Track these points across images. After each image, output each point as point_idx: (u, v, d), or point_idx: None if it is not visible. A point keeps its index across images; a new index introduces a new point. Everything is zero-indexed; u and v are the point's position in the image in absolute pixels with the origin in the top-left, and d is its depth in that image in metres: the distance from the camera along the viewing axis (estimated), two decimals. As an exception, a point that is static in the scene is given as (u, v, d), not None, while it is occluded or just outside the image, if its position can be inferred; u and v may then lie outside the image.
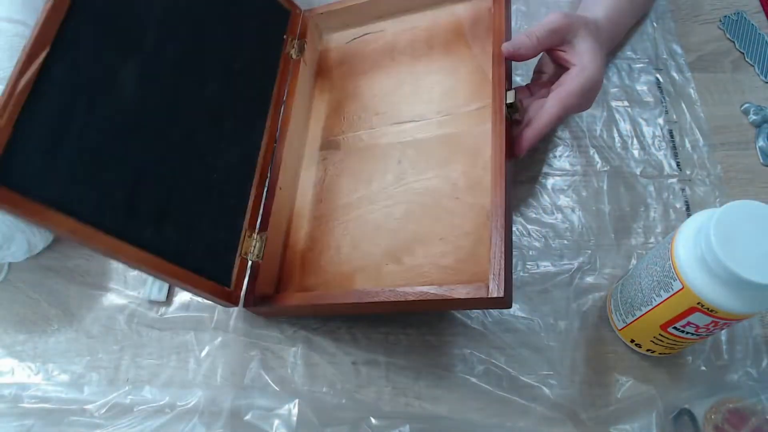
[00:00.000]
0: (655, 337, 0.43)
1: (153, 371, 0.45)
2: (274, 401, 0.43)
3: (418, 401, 0.45)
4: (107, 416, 0.43)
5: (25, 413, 0.43)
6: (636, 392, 0.45)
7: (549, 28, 0.46)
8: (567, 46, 0.48)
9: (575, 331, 0.48)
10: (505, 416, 0.44)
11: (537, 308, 0.48)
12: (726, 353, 0.47)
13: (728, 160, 0.56)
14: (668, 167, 0.56)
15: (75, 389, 0.44)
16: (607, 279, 0.50)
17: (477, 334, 0.47)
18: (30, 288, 0.48)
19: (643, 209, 0.53)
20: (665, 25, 0.64)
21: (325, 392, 0.45)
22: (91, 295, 0.48)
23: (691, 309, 0.38)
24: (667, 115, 0.59)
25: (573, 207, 0.53)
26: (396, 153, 0.50)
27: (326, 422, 0.42)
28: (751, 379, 0.46)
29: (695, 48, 0.63)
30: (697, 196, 0.54)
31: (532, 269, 0.50)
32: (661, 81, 0.61)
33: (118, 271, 0.49)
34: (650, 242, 0.52)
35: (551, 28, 0.47)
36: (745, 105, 0.59)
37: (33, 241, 0.45)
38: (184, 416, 0.43)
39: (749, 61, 0.62)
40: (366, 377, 0.45)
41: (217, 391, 0.44)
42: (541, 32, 0.46)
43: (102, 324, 0.47)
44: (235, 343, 0.46)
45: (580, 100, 0.47)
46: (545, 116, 0.46)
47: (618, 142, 0.57)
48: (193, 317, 0.47)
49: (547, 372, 0.46)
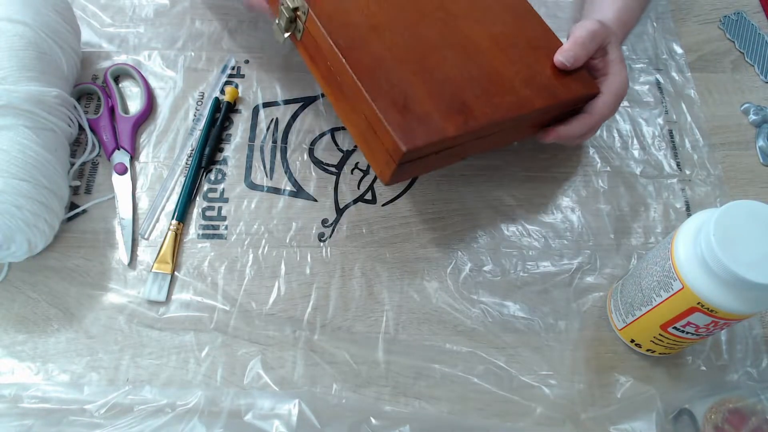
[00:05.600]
0: (655, 337, 0.43)
1: (153, 371, 0.45)
2: (274, 401, 0.43)
3: (418, 401, 0.45)
4: (107, 416, 0.42)
5: (24, 413, 0.43)
6: (636, 392, 0.45)
7: (592, 36, 0.48)
8: (601, 53, 0.50)
9: (575, 331, 0.48)
10: (505, 416, 0.44)
11: (537, 308, 0.48)
12: (726, 353, 0.47)
13: (728, 160, 0.56)
14: (668, 167, 0.56)
15: (75, 389, 0.44)
16: (607, 279, 0.50)
17: (477, 334, 0.47)
18: (30, 288, 0.48)
19: (643, 209, 0.53)
20: (665, 25, 0.64)
21: (325, 392, 0.45)
22: (91, 295, 0.48)
23: (691, 309, 0.38)
24: (667, 115, 0.59)
25: (573, 207, 0.53)
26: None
27: (326, 422, 0.42)
28: (751, 379, 0.46)
29: (695, 48, 0.63)
30: (697, 196, 0.54)
31: (532, 269, 0.50)
32: (661, 81, 0.61)
33: (118, 271, 0.49)
34: (650, 242, 0.52)
35: (593, 36, 0.48)
36: (745, 105, 0.59)
37: (33, 241, 0.45)
38: (184, 416, 0.43)
39: (749, 61, 0.62)
40: (366, 377, 0.45)
41: (217, 391, 0.44)
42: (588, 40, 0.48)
43: (102, 324, 0.47)
44: (235, 343, 0.46)
45: (613, 109, 0.50)
46: (579, 124, 0.49)
47: (618, 142, 0.57)
48: (192, 317, 0.47)
49: (547, 372, 0.46)
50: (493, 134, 0.46)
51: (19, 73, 0.47)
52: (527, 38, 0.49)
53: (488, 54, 0.47)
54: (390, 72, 0.43)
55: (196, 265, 0.49)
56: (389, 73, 0.43)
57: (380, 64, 0.43)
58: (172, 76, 0.58)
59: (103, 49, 0.59)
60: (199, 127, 0.55)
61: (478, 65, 0.46)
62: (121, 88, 0.57)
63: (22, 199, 0.44)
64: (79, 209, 0.51)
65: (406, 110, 0.42)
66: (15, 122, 0.45)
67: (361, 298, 0.48)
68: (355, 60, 0.43)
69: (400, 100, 0.42)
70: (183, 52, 0.60)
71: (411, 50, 0.45)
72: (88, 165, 0.53)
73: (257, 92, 0.58)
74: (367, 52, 0.43)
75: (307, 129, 0.56)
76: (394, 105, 0.41)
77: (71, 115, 0.51)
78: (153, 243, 0.50)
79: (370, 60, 0.43)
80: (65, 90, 0.51)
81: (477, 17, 0.49)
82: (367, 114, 0.42)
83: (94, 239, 0.50)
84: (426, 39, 0.46)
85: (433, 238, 0.51)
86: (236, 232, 0.51)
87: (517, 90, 0.45)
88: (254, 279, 0.49)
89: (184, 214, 0.51)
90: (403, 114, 0.41)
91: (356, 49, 0.43)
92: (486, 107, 0.44)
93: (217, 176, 0.53)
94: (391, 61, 0.43)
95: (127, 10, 0.62)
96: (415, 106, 0.42)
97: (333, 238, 0.51)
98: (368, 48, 0.44)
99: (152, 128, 0.55)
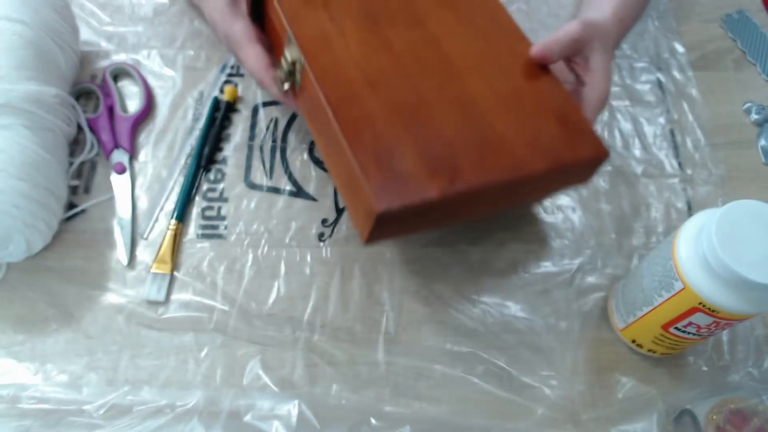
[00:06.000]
0: (656, 338, 0.43)
1: (152, 371, 0.45)
2: (273, 402, 0.43)
3: (418, 401, 0.44)
4: (106, 417, 0.42)
5: (23, 414, 0.43)
6: (637, 393, 0.45)
7: (570, 38, 0.47)
8: (581, 59, 0.49)
9: (576, 331, 0.48)
10: (506, 417, 0.44)
11: (538, 308, 0.48)
12: (728, 353, 0.47)
13: (730, 159, 0.56)
14: (670, 167, 0.56)
15: (73, 389, 0.44)
16: (608, 279, 0.50)
17: (477, 334, 0.47)
18: (28, 288, 0.47)
19: (644, 209, 0.53)
20: (666, 24, 0.64)
21: (324, 393, 0.44)
22: (90, 295, 0.47)
23: (693, 309, 0.38)
24: (669, 114, 0.59)
25: (574, 207, 0.53)
26: None
27: (326, 423, 0.42)
28: (752, 380, 0.46)
29: (697, 47, 0.63)
30: (698, 196, 0.54)
31: (532, 269, 0.50)
32: (662, 80, 0.61)
33: (116, 271, 0.49)
34: (651, 242, 0.52)
35: (573, 39, 0.47)
36: (747, 104, 0.59)
37: (31, 241, 0.45)
38: (183, 417, 0.42)
39: (751, 60, 0.62)
40: (366, 377, 0.45)
41: (216, 391, 0.44)
42: (564, 41, 0.47)
43: (101, 324, 0.46)
44: (235, 343, 0.46)
45: (593, 118, 0.48)
46: None
47: (619, 141, 0.57)
48: (192, 317, 0.47)
49: (547, 372, 0.46)
50: (486, 199, 0.43)
51: (18, 72, 0.47)
52: (536, 97, 0.45)
53: (489, 113, 0.43)
54: (379, 128, 0.41)
55: (196, 265, 0.49)
56: (377, 129, 0.41)
57: (369, 119, 0.41)
58: (171, 75, 0.58)
59: (101, 48, 0.59)
60: (198, 127, 0.55)
61: (476, 124, 0.43)
62: (120, 88, 0.57)
63: (21, 198, 0.43)
64: (78, 209, 0.51)
65: (388, 168, 0.39)
66: (13, 122, 0.45)
67: (361, 298, 0.48)
68: (344, 115, 0.41)
69: (384, 157, 0.39)
70: (182, 51, 0.59)
71: (406, 105, 0.42)
72: (86, 164, 0.53)
73: (257, 91, 0.58)
74: (358, 108, 0.41)
75: (306, 129, 0.56)
76: (376, 162, 0.39)
77: (70, 114, 0.51)
78: (152, 243, 0.50)
79: (359, 115, 0.41)
80: (64, 89, 0.51)
81: (484, 72, 0.45)
82: (349, 170, 0.40)
83: (93, 239, 0.50)
84: (425, 93, 0.43)
85: (433, 237, 0.51)
86: (236, 232, 0.51)
87: (516, 152, 0.42)
88: (254, 279, 0.49)
89: (184, 214, 0.51)
90: (385, 172, 0.39)
91: (347, 105, 0.41)
92: (477, 169, 0.40)
93: (217, 176, 0.53)
94: (382, 117, 0.41)
95: (126, 8, 0.62)
96: (399, 165, 0.39)
97: (333, 238, 0.51)
98: (360, 103, 0.42)
99: (151, 127, 0.55)
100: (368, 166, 0.39)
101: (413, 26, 0.47)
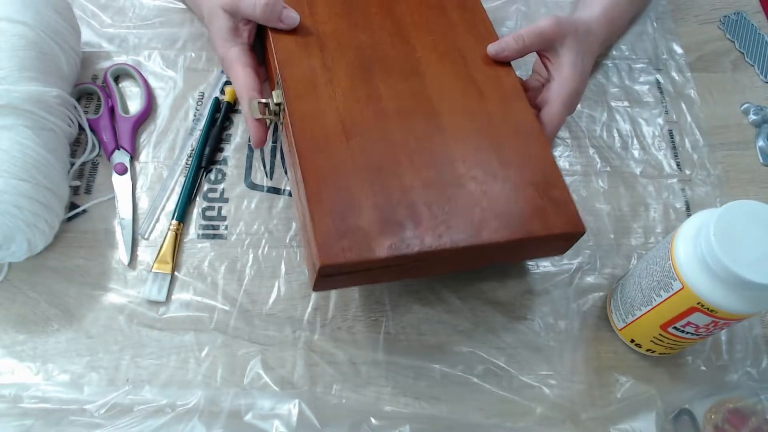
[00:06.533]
0: (655, 337, 0.43)
1: (153, 371, 0.45)
2: (274, 401, 0.43)
3: (418, 401, 0.45)
4: (107, 416, 0.42)
5: (24, 413, 0.43)
6: (636, 392, 0.45)
7: (537, 32, 0.47)
8: (551, 54, 0.49)
9: (575, 331, 0.48)
10: (505, 416, 0.44)
11: (537, 308, 0.48)
12: (726, 353, 0.47)
13: (728, 160, 0.56)
14: (668, 167, 0.56)
15: (75, 389, 0.44)
16: (607, 279, 0.50)
17: (477, 333, 0.47)
18: (30, 288, 0.48)
19: (643, 209, 0.53)
20: (665, 25, 0.64)
21: (325, 392, 0.45)
22: (91, 295, 0.48)
23: (691, 309, 0.38)
24: (667, 115, 0.59)
25: (573, 207, 0.53)
26: None
27: (326, 422, 0.42)
28: (751, 379, 0.46)
29: (695, 48, 0.63)
30: (697, 196, 0.54)
31: (532, 269, 0.50)
32: (660, 81, 0.61)
33: (117, 271, 0.49)
34: (650, 242, 0.52)
35: (540, 33, 0.47)
36: (745, 105, 0.59)
37: (33, 241, 0.45)
38: (184, 416, 0.43)
39: (749, 61, 0.62)
40: (366, 377, 0.45)
41: (216, 391, 0.44)
42: (528, 35, 0.47)
43: (102, 324, 0.47)
44: (235, 343, 0.46)
45: (563, 115, 0.48)
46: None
47: (618, 142, 0.57)
48: (192, 317, 0.47)
49: (547, 372, 0.46)
50: (444, 261, 0.41)
51: (19, 73, 0.47)
52: (519, 161, 0.43)
53: (465, 174, 0.42)
54: (342, 181, 0.40)
55: (196, 265, 0.49)
56: (341, 182, 0.40)
57: (335, 171, 0.41)
58: (172, 76, 0.58)
59: (103, 49, 0.59)
60: (199, 127, 0.55)
61: (446, 185, 0.41)
62: (121, 88, 0.57)
63: (22, 199, 0.44)
64: (79, 209, 0.51)
65: (342, 222, 0.38)
66: (15, 122, 0.45)
67: (361, 298, 0.48)
68: (310, 165, 0.40)
69: (341, 210, 0.39)
70: (183, 52, 0.60)
71: (377, 160, 0.41)
72: (88, 165, 0.53)
73: (257, 92, 0.58)
74: (326, 159, 0.41)
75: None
76: (331, 214, 0.39)
77: (71, 115, 0.51)
78: (153, 243, 0.50)
79: (325, 166, 0.41)
80: (65, 90, 0.51)
81: (469, 131, 0.44)
82: (305, 217, 0.40)
83: (94, 239, 0.50)
84: (401, 148, 0.42)
85: (433, 238, 0.51)
86: (236, 232, 0.51)
87: (482, 219, 0.40)
88: (254, 279, 0.49)
89: (184, 214, 0.51)
90: (337, 225, 0.38)
91: (315, 155, 0.41)
92: (433, 233, 0.39)
93: (217, 176, 0.53)
94: (349, 170, 0.41)
95: (127, 10, 0.62)
96: (353, 220, 0.39)
97: (333, 238, 0.51)
98: (330, 152, 0.41)
99: (152, 128, 0.55)
100: (322, 218, 0.38)
101: (407, 78, 0.46)
